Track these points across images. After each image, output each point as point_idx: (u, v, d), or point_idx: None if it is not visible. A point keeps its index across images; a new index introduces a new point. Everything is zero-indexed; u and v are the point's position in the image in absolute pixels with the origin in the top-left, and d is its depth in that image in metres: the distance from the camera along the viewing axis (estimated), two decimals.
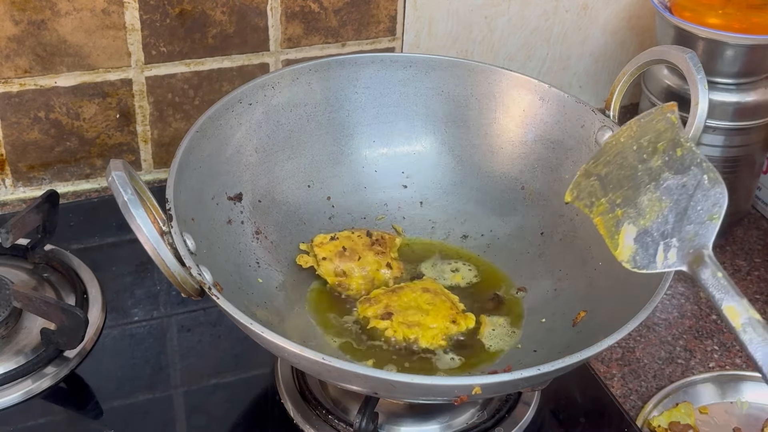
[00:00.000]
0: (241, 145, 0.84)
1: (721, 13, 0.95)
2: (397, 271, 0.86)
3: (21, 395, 0.78)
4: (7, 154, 1.00)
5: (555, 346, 0.77)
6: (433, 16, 1.08)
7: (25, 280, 0.88)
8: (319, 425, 0.77)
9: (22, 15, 0.93)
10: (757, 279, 1.00)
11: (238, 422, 0.79)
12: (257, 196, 0.85)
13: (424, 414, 0.77)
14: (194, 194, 0.76)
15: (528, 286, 0.85)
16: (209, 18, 0.99)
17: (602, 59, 1.19)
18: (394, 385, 0.61)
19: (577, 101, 0.86)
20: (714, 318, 0.95)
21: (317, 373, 0.67)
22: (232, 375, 0.83)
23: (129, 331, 0.86)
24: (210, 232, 0.77)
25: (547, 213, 0.87)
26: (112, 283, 0.90)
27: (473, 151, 0.91)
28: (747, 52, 0.94)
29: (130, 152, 1.05)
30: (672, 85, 0.98)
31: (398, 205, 0.92)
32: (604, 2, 1.14)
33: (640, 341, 0.91)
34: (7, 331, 0.82)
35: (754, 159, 1.02)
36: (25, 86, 0.97)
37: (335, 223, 0.89)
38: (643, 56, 0.83)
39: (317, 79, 0.89)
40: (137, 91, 1.01)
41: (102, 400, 0.80)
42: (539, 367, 0.62)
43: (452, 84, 0.91)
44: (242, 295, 0.77)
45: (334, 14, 1.04)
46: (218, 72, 1.03)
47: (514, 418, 0.79)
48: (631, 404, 0.85)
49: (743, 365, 0.90)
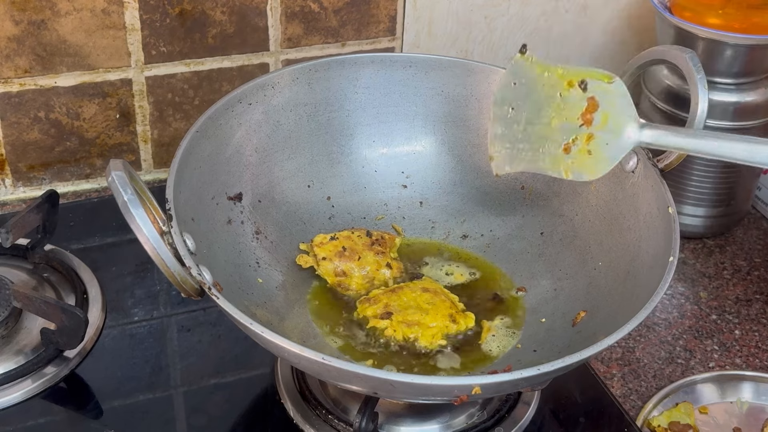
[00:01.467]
0: (241, 145, 0.84)
1: (721, 13, 0.95)
2: (397, 271, 0.86)
3: (21, 395, 0.78)
4: (7, 154, 1.00)
5: (555, 346, 0.77)
6: (433, 16, 1.08)
7: (25, 280, 0.88)
8: (319, 425, 0.77)
9: (22, 15, 0.93)
10: (757, 279, 1.00)
11: (238, 422, 0.79)
12: (257, 196, 0.85)
13: (424, 414, 0.77)
14: (194, 194, 0.76)
15: (528, 286, 0.85)
16: (209, 18, 0.99)
17: (602, 59, 1.19)
18: (393, 385, 0.61)
19: None
20: (714, 318, 0.95)
21: (317, 373, 0.67)
22: (232, 375, 0.83)
23: (129, 331, 0.86)
24: (210, 232, 0.77)
25: (547, 213, 0.87)
26: (112, 283, 0.90)
27: (473, 151, 0.91)
28: (747, 52, 0.94)
29: (130, 152, 1.05)
30: (672, 85, 0.98)
31: (398, 205, 0.92)
32: (604, 2, 1.14)
33: (640, 341, 0.91)
34: (7, 331, 0.82)
35: None
36: (25, 86, 0.97)
37: (335, 223, 0.89)
38: (643, 56, 0.83)
39: (317, 79, 0.89)
40: (137, 91, 1.01)
41: (102, 400, 0.80)
42: (539, 367, 0.62)
43: (452, 84, 0.91)
44: (242, 295, 0.77)
45: (334, 14, 1.04)
46: (218, 72, 1.03)
47: (514, 417, 0.79)
48: (631, 404, 0.85)
49: (743, 365, 0.90)
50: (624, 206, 0.81)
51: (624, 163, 0.80)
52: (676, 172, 0.89)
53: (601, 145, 0.74)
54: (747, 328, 0.94)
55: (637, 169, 0.80)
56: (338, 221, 0.90)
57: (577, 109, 0.76)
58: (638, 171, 0.80)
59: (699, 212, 1.03)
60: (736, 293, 0.98)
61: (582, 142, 0.75)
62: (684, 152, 0.73)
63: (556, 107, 0.78)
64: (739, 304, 0.97)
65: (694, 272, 1.01)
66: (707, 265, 1.02)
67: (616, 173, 0.81)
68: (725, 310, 0.96)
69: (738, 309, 0.96)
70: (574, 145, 0.76)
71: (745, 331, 0.94)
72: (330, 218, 0.89)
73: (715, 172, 1.00)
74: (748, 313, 0.96)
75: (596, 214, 0.83)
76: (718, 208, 1.03)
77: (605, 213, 0.82)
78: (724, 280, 1.00)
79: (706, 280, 1.00)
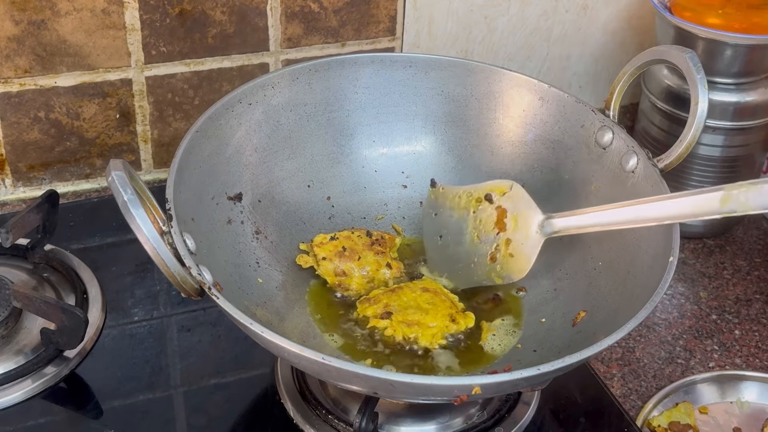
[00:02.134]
0: (241, 145, 0.84)
1: (721, 13, 0.95)
2: (397, 271, 0.86)
3: (21, 395, 0.78)
4: (7, 154, 1.00)
5: (555, 346, 0.77)
6: (433, 16, 1.08)
7: (25, 280, 0.88)
8: (319, 425, 0.77)
9: (22, 15, 0.93)
10: (757, 279, 1.00)
11: (238, 422, 0.79)
12: (257, 196, 0.85)
13: (424, 414, 0.77)
14: (194, 194, 0.76)
15: (528, 286, 0.85)
16: (209, 18, 0.99)
17: (602, 59, 1.19)
18: (393, 385, 0.61)
19: (577, 101, 0.86)
20: (714, 318, 0.95)
21: (317, 373, 0.67)
22: (232, 375, 0.83)
23: (129, 331, 0.86)
24: (210, 232, 0.77)
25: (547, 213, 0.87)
26: (112, 283, 0.90)
27: (473, 151, 0.91)
28: (747, 52, 0.94)
29: (130, 152, 1.05)
30: (672, 85, 0.98)
31: (398, 205, 0.92)
32: (604, 2, 1.14)
33: (640, 341, 0.91)
34: (7, 331, 0.82)
35: (754, 159, 1.02)
36: (25, 86, 0.97)
37: (335, 223, 0.89)
38: (643, 56, 0.83)
39: (317, 79, 0.89)
40: (137, 91, 1.01)
41: (102, 400, 0.80)
42: (539, 367, 0.62)
43: (452, 84, 0.91)
44: (242, 295, 0.77)
45: (334, 14, 1.04)
46: (218, 72, 1.03)
47: (514, 417, 0.79)
48: (631, 404, 0.85)
49: (743, 365, 0.90)
50: None
51: (624, 163, 0.81)
52: (676, 172, 0.88)
53: (519, 245, 0.81)
54: (747, 328, 0.94)
55: (637, 169, 0.80)
56: (338, 221, 0.90)
57: (490, 221, 0.84)
58: (638, 171, 0.80)
59: None
60: (736, 293, 0.98)
61: (503, 248, 0.82)
62: (587, 230, 0.78)
63: (473, 224, 0.85)
64: (739, 304, 0.97)
65: (694, 272, 1.01)
66: (707, 265, 1.02)
67: (617, 173, 0.81)
68: (725, 310, 0.96)
69: (738, 309, 0.96)
70: (497, 253, 0.83)
71: (745, 331, 0.94)
72: (330, 218, 0.89)
73: (715, 171, 1.00)
74: (748, 313, 0.96)
75: None
76: None
77: None
78: (724, 280, 1.00)
79: (706, 280, 1.00)
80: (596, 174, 0.84)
